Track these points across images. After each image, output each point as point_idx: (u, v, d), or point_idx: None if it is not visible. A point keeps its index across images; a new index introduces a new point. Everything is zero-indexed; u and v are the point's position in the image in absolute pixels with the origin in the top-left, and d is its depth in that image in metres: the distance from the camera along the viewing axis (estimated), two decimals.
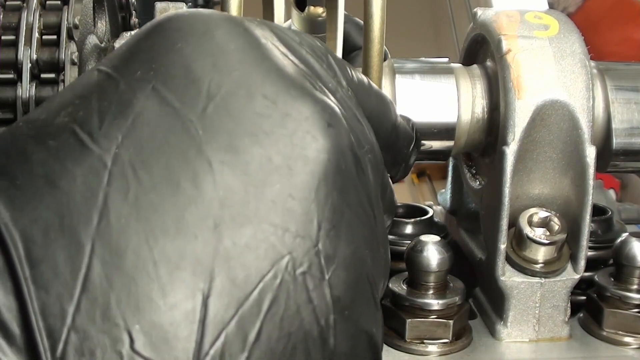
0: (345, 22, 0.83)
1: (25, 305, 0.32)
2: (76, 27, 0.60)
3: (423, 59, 0.70)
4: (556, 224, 0.63)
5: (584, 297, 0.69)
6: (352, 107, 0.44)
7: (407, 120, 0.55)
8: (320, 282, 0.37)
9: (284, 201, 0.37)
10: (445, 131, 0.66)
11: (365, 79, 0.51)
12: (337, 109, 0.41)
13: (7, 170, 0.36)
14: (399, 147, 0.54)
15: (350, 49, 0.96)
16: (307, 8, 0.89)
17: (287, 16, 0.94)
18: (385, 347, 0.63)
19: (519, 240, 0.63)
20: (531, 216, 0.63)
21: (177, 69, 0.39)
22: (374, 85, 0.52)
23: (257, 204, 0.36)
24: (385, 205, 0.46)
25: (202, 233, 0.35)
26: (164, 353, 0.33)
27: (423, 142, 0.59)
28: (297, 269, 0.37)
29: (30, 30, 0.58)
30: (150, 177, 0.36)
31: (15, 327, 0.32)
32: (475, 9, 0.70)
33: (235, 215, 0.36)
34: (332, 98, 0.42)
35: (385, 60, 0.67)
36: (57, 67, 0.58)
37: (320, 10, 0.84)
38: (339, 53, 0.79)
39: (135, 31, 0.44)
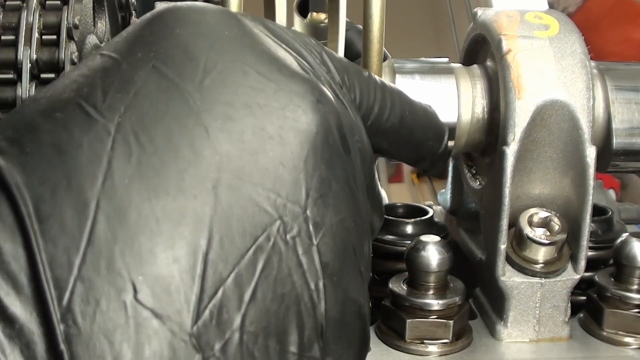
0: (348, 30, 0.83)
1: (33, 256, 0.34)
2: (76, 27, 0.60)
3: (423, 59, 0.70)
4: (556, 224, 0.63)
5: (584, 297, 0.69)
6: (342, 100, 0.46)
7: (435, 114, 0.57)
8: (309, 247, 0.39)
9: (276, 168, 0.39)
10: None
11: (362, 69, 0.52)
12: (326, 90, 0.43)
13: (17, 140, 0.38)
14: (415, 140, 0.56)
15: (353, 56, 0.96)
16: (309, 14, 0.89)
17: (290, 23, 0.94)
18: (385, 347, 0.63)
19: (519, 240, 0.63)
20: (531, 216, 0.63)
21: (175, 50, 0.42)
22: (378, 79, 0.53)
23: (250, 169, 0.39)
24: (373, 204, 0.48)
25: (201, 194, 0.37)
26: (165, 304, 0.35)
27: None
28: (287, 233, 0.39)
29: (30, 30, 0.58)
30: (152, 143, 0.38)
31: (23, 277, 0.34)
32: (475, 9, 0.70)
33: (231, 178, 0.38)
34: (323, 78, 0.45)
35: (385, 60, 0.67)
36: (57, 67, 0.58)
37: (322, 16, 0.84)
38: (341, 49, 0.79)
39: (133, 22, 0.46)
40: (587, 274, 0.65)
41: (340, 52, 0.76)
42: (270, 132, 0.40)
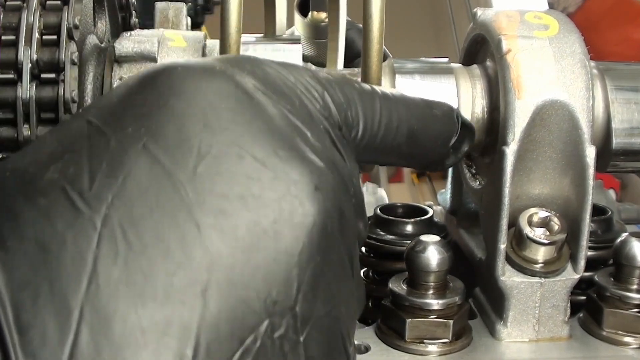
0: (349, 29, 0.83)
1: None
2: (76, 27, 0.60)
3: (423, 59, 0.70)
4: (556, 224, 0.63)
5: (583, 297, 0.69)
6: (340, 149, 0.45)
7: (448, 113, 0.56)
8: (295, 345, 0.39)
9: (268, 266, 0.38)
10: None
11: (369, 89, 0.52)
12: (323, 166, 0.42)
13: None
14: (424, 150, 0.55)
15: (353, 56, 0.96)
16: (310, 13, 0.89)
17: (290, 22, 0.94)
18: (385, 347, 0.63)
19: (518, 240, 0.63)
20: (531, 216, 0.63)
21: (168, 127, 0.40)
22: (384, 95, 0.52)
23: (242, 269, 0.37)
24: (360, 225, 0.47)
25: (189, 299, 0.36)
26: None
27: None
28: (275, 333, 0.38)
29: (30, 30, 0.58)
30: (140, 240, 0.36)
31: None
32: (475, 9, 0.70)
33: (221, 280, 0.37)
34: (321, 151, 0.43)
35: (385, 60, 0.67)
36: (57, 67, 0.58)
37: (323, 15, 0.84)
38: (341, 58, 0.79)
39: (126, 80, 0.44)
40: (586, 273, 0.65)
41: (341, 52, 0.76)
42: (265, 226, 0.39)
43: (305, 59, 0.97)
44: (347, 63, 0.83)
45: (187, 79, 0.42)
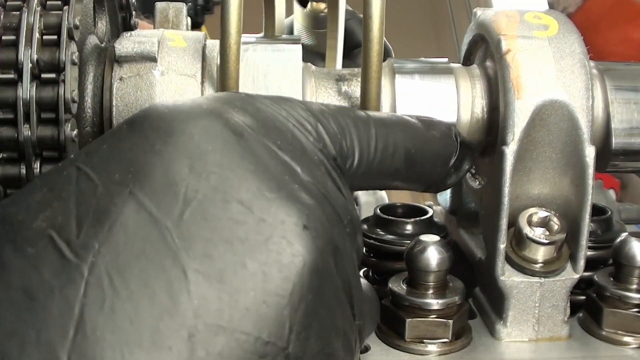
0: (348, 19, 0.83)
1: None
2: (76, 27, 0.60)
3: (423, 59, 0.70)
4: (556, 223, 0.63)
5: (583, 297, 0.69)
6: (335, 179, 0.46)
7: (447, 133, 0.56)
8: None
9: (258, 308, 0.38)
10: None
11: (363, 116, 0.52)
12: (312, 202, 0.42)
13: None
14: (422, 172, 0.55)
15: (353, 45, 0.96)
16: (309, 4, 0.89)
17: (289, 12, 0.94)
18: (385, 346, 0.63)
19: (518, 240, 0.64)
20: (531, 216, 0.63)
21: (154, 172, 0.40)
22: (379, 121, 0.52)
23: (230, 312, 0.37)
24: (357, 257, 0.47)
25: (176, 344, 0.36)
26: None
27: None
28: None
29: (30, 30, 0.58)
30: (126, 287, 0.36)
31: None
32: (475, 9, 0.70)
33: (209, 324, 0.37)
34: (312, 185, 0.43)
35: (387, 54, 0.67)
36: (58, 67, 0.58)
37: (322, 5, 0.84)
38: (340, 49, 0.79)
39: (115, 127, 0.45)
40: (586, 273, 0.65)
41: (340, 43, 0.76)
42: (252, 269, 0.38)
43: (305, 48, 0.97)
44: (347, 52, 0.83)
45: (174, 122, 0.42)
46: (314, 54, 0.97)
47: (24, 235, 0.38)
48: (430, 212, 0.75)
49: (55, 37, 0.59)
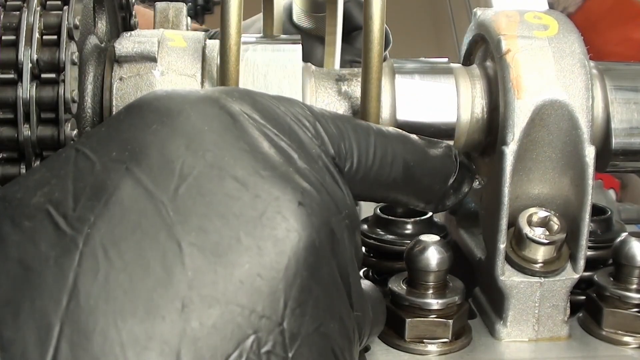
0: (347, 1, 0.83)
1: None
2: (76, 27, 0.60)
3: (423, 59, 0.70)
4: (555, 223, 0.63)
5: (583, 297, 0.69)
6: (333, 173, 0.46)
7: (446, 152, 0.56)
8: None
9: (252, 281, 0.38)
10: (445, 131, 0.66)
11: (364, 124, 0.52)
12: (308, 186, 0.42)
13: None
14: (421, 187, 0.55)
15: (352, 28, 0.96)
16: None
17: None
18: (385, 346, 0.63)
19: (518, 240, 0.64)
20: (530, 216, 0.63)
21: (151, 150, 0.40)
22: (379, 132, 0.52)
23: (225, 284, 0.37)
24: (356, 253, 0.47)
25: (169, 314, 0.36)
26: None
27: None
28: (261, 348, 0.37)
29: (30, 30, 0.58)
30: (121, 258, 0.37)
31: None
32: (475, 9, 0.70)
33: (203, 296, 0.37)
34: (309, 172, 0.43)
35: (387, 45, 0.67)
36: (58, 67, 0.58)
37: None
38: (339, 32, 0.79)
39: (115, 113, 0.46)
40: (586, 273, 0.65)
41: (339, 30, 0.76)
42: (247, 243, 0.38)
43: (304, 32, 0.97)
44: (346, 35, 0.82)
45: (172, 104, 0.43)
46: (313, 38, 0.96)
47: (22, 211, 0.39)
48: (430, 212, 0.75)
49: (55, 37, 0.59)
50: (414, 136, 0.56)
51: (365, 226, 0.75)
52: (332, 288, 0.42)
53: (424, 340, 0.63)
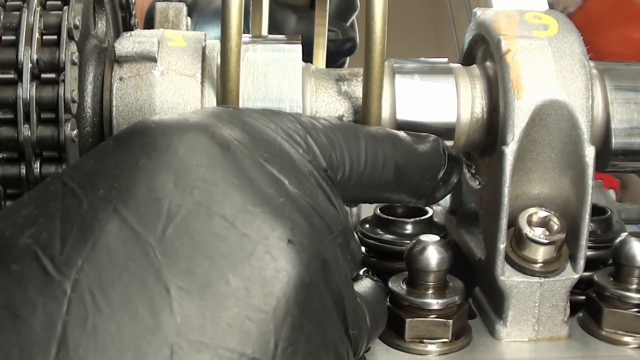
0: None
1: None
2: (76, 27, 0.60)
3: (423, 59, 0.70)
4: (555, 223, 0.63)
5: (583, 297, 0.69)
6: (326, 189, 0.46)
7: (435, 147, 0.57)
8: None
9: (241, 324, 0.38)
10: (445, 131, 0.66)
11: (353, 130, 0.53)
12: (299, 217, 0.42)
13: None
14: (412, 185, 0.56)
15: (348, 6, 0.95)
16: None
17: None
18: (385, 346, 0.63)
19: (518, 240, 0.64)
20: (530, 216, 0.63)
21: (138, 188, 0.40)
22: (369, 135, 0.53)
23: (213, 328, 0.37)
24: (351, 264, 0.47)
25: None
26: None
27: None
28: None
29: (30, 30, 0.58)
30: (109, 305, 0.36)
31: None
32: (475, 9, 0.70)
33: (191, 341, 0.36)
34: (299, 197, 0.43)
35: (354, 10, 0.66)
36: (58, 67, 0.58)
37: None
38: (323, 56, 0.79)
39: (102, 143, 0.45)
40: (586, 273, 0.65)
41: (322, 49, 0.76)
42: (235, 285, 0.38)
43: (275, 1, 0.96)
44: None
45: (159, 137, 0.42)
46: (284, 7, 0.96)
47: (9, 252, 0.38)
48: (430, 212, 0.75)
49: (55, 37, 0.59)
50: (402, 134, 0.57)
51: (365, 226, 0.75)
52: (325, 320, 0.42)
53: (424, 340, 0.63)
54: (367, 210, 0.81)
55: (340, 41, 1.29)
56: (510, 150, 0.62)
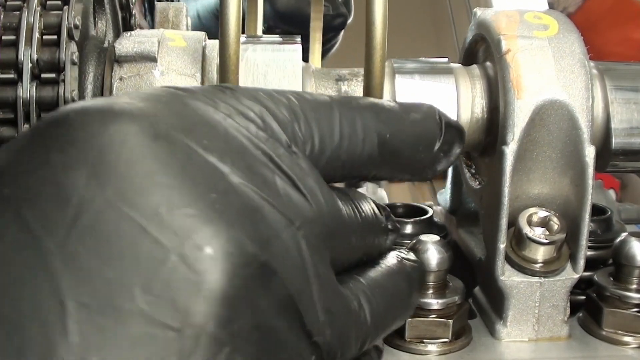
0: None
1: None
2: (76, 27, 0.60)
3: (423, 59, 0.70)
4: (555, 223, 0.63)
5: (583, 297, 0.69)
6: (287, 172, 0.41)
7: (429, 115, 0.51)
8: None
9: (146, 344, 0.33)
10: None
11: (325, 100, 0.47)
12: (235, 216, 0.36)
13: None
14: (403, 159, 0.50)
15: None
16: None
17: None
18: (385, 346, 0.63)
19: (518, 239, 0.64)
20: (530, 216, 0.63)
21: (47, 186, 0.35)
22: (344, 100, 0.48)
23: (114, 350, 0.33)
24: (337, 251, 0.43)
25: None
26: None
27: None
28: None
29: (30, 30, 0.58)
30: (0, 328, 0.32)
31: None
32: (475, 9, 0.70)
33: None
34: (245, 187, 0.38)
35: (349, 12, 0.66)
36: (58, 67, 0.58)
37: None
38: (318, 52, 0.79)
39: (20, 134, 0.41)
40: (586, 273, 0.65)
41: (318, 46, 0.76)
42: (140, 300, 0.33)
43: None
44: None
45: (77, 128, 0.37)
46: None
47: None
48: (430, 212, 0.75)
49: (55, 37, 0.59)
50: (389, 102, 0.51)
51: None
52: (265, 333, 0.36)
53: (424, 340, 0.63)
54: None
55: (331, 16, 1.27)
56: (510, 150, 0.62)
